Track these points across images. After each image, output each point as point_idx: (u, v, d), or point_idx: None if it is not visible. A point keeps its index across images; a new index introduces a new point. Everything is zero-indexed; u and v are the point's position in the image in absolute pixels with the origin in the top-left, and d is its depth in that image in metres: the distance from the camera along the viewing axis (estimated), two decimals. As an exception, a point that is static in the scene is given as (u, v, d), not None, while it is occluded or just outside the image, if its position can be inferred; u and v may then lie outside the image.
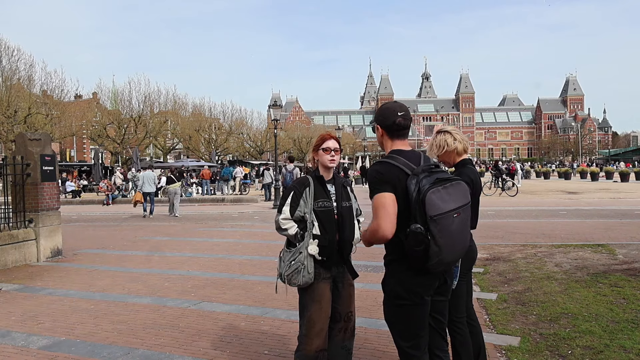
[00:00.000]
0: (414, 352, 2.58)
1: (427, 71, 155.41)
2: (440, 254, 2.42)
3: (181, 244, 10.67)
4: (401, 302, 2.55)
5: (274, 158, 27.00)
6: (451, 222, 2.45)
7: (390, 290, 2.59)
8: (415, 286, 2.53)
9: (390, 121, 2.63)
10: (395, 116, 2.63)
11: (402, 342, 2.60)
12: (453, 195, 2.49)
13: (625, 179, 34.06)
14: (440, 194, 2.43)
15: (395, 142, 2.66)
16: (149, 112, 45.75)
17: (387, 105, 2.72)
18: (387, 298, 2.62)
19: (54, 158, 9.56)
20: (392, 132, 2.65)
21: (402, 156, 2.56)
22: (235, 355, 4.22)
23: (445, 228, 2.42)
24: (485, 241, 9.66)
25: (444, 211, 2.42)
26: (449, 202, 2.45)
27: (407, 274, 2.52)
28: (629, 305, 5.32)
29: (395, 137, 2.66)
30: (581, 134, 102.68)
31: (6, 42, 32.71)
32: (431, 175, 2.49)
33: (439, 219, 2.40)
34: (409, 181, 2.46)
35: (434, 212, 2.39)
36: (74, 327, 5.11)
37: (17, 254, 8.78)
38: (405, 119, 2.65)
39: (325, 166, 3.26)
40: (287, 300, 5.66)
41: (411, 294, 2.53)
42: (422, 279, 2.53)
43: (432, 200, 2.40)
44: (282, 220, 3.18)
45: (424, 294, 2.56)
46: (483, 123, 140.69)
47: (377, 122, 2.69)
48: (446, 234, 2.42)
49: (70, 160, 55.84)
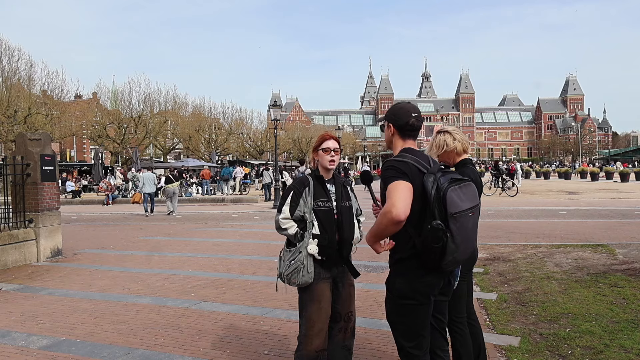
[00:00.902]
0: (416, 352, 2.58)
1: (427, 71, 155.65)
2: (457, 251, 2.45)
3: (181, 244, 10.67)
4: (406, 301, 2.54)
5: (274, 158, 26.98)
6: (468, 220, 2.49)
7: (395, 289, 2.58)
8: (423, 286, 2.53)
9: (404, 121, 2.66)
10: (410, 117, 2.65)
11: (404, 342, 2.60)
12: (467, 195, 2.53)
13: (625, 179, 34.07)
14: (458, 192, 2.47)
15: (406, 141, 2.69)
16: (149, 112, 45.68)
17: (401, 105, 2.74)
18: (392, 297, 2.61)
19: (54, 158, 9.57)
20: (405, 132, 2.68)
21: (415, 155, 2.58)
22: (235, 355, 4.22)
23: (463, 226, 2.46)
24: (485, 241, 9.66)
25: (463, 209, 2.46)
26: (466, 201, 2.50)
27: (416, 273, 2.52)
28: (629, 305, 5.32)
29: (406, 137, 2.68)
30: (581, 134, 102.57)
31: (6, 42, 32.71)
32: (445, 174, 2.52)
33: (459, 216, 2.43)
34: (426, 178, 2.48)
35: (454, 209, 2.42)
36: (74, 327, 5.11)
37: (17, 254, 8.78)
38: (418, 120, 2.68)
39: (325, 167, 3.27)
40: (287, 300, 5.66)
41: (417, 293, 2.52)
42: (431, 278, 2.53)
43: (452, 198, 2.43)
44: (282, 220, 3.20)
45: (431, 294, 2.56)
46: (483, 123, 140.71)
47: (389, 121, 2.71)
48: (463, 232, 2.46)
49: (70, 160, 55.83)
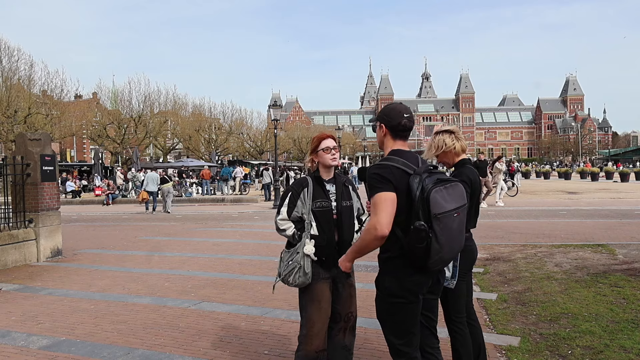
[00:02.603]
0: (406, 350, 2.61)
1: (427, 71, 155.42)
2: (441, 251, 2.46)
3: (181, 244, 10.67)
4: (395, 300, 2.57)
5: (274, 158, 26.97)
6: (452, 221, 2.50)
7: (384, 287, 2.60)
8: (412, 284, 2.55)
9: (396, 122, 2.67)
10: (401, 117, 2.67)
11: (394, 340, 2.63)
12: (453, 195, 2.54)
13: (625, 179, 34.06)
14: (442, 193, 2.48)
15: (397, 142, 2.70)
16: (149, 112, 45.71)
17: (393, 105, 2.76)
18: (381, 295, 2.64)
19: (54, 158, 9.57)
20: (396, 133, 2.69)
21: (402, 157, 2.60)
22: (235, 355, 4.22)
23: (447, 226, 2.47)
24: (485, 241, 9.65)
25: (447, 210, 2.47)
26: (450, 202, 2.51)
27: (404, 272, 2.54)
28: (629, 305, 5.32)
29: (398, 137, 2.70)
30: (581, 134, 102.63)
31: (6, 42, 32.77)
32: (432, 175, 2.54)
33: (442, 217, 2.45)
34: (412, 180, 2.50)
35: (438, 210, 2.44)
36: (74, 327, 5.11)
37: (17, 254, 8.78)
38: (410, 120, 2.70)
39: (327, 165, 3.27)
40: (287, 300, 5.67)
41: (406, 292, 2.55)
42: (419, 277, 2.56)
43: (436, 199, 2.45)
44: (280, 221, 3.23)
45: (419, 293, 2.59)
46: (483, 123, 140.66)
47: (382, 122, 2.72)
48: (447, 232, 2.47)
49: (71, 160, 55.81)
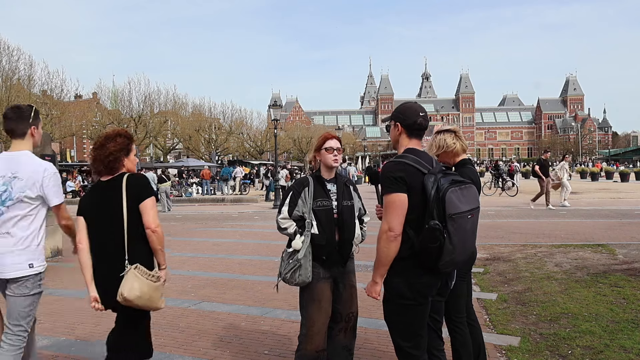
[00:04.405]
0: (414, 352, 2.59)
1: (427, 71, 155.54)
2: (454, 252, 2.45)
3: (181, 244, 10.66)
4: (405, 302, 2.55)
5: (274, 158, 26.97)
6: (466, 222, 2.50)
7: (394, 289, 2.58)
8: (421, 286, 2.54)
9: (411, 120, 2.68)
10: (417, 116, 2.67)
11: (402, 342, 2.60)
12: (467, 197, 2.54)
13: (625, 179, 34.06)
14: (457, 194, 2.48)
15: (412, 141, 2.70)
16: (149, 112, 45.66)
17: (409, 104, 2.77)
18: (390, 297, 2.61)
19: (54, 158, 9.56)
20: (411, 132, 2.69)
21: (417, 156, 2.59)
22: (235, 355, 4.22)
23: (461, 227, 2.46)
24: (485, 241, 9.64)
25: (462, 211, 2.47)
26: (465, 203, 2.50)
27: (414, 273, 2.53)
28: (629, 305, 5.32)
29: (413, 136, 2.70)
30: (581, 134, 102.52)
31: (6, 41, 32.66)
32: (446, 176, 2.53)
33: (457, 217, 2.44)
34: (426, 179, 2.49)
35: (453, 210, 2.43)
36: (74, 327, 5.11)
37: (17, 254, 8.76)
38: (425, 119, 2.71)
39: (328, 166, 3.28)
40: (287, 300, 5.66)
41: (416, 293, 2.53)
42: (429, 278, 2.54)
43: (451, 199, 2.44)
44: (281, 220, 3.24)
45: (429, 294, 2.57)
46: (483, 123, 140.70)
47: (397, 120, 2.72)
48: (461, 233, 2.46)
49: (71, 160, 55.78)
